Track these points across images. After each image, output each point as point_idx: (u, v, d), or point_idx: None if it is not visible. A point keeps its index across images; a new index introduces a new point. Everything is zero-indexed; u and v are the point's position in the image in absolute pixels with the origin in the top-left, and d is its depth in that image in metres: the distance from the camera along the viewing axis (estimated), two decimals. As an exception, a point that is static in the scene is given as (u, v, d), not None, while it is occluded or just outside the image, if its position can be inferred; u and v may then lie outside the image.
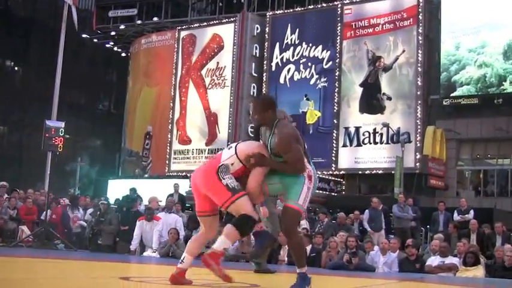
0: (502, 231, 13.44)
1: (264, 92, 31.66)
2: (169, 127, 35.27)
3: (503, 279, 10.50)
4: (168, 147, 35.04)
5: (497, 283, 9.78)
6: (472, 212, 15.39)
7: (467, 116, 27.85)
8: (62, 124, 15.00)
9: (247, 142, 5.63)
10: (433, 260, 11.44)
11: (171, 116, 35.31)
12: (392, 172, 24.57)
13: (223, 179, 5.19)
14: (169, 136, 35.19)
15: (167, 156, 34.93)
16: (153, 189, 19.62)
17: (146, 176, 35.25)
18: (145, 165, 36.81)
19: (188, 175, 31.77)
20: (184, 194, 18.57)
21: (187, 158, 34.34)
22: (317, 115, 31.15)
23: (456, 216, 15.32)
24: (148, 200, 15.85)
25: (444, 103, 28.48)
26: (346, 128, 29.62)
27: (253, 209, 5.22)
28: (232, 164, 5.30)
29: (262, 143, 5.42)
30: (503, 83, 26.96)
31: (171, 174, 33.36)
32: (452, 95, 28.29)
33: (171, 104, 35.46)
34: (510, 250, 11.32)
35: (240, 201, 5.15)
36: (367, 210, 15.53)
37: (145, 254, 13.78)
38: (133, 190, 17.20)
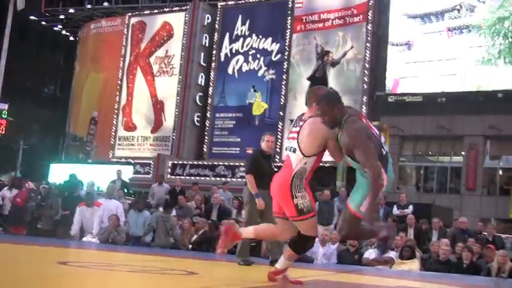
0: (439, 226, 13.79)
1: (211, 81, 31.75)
2: (115, 113, 34.94)
3: (437, 272, 10.79)
4: (113, 133, 34.72)
5: (431, 276, 10.04)
6: (411, 207, 15.69)
7: (411, 113, 28.39)
8: (6, 106, 14.76)
9: (305, 131, 5.35)
10: (371, 253, 11.67)
11: (117, 102, 34.99)
12: (335, 166, 24.85)
13: (296, 197, 5.26)
14: (114, 122, 34.87)
15: (112, 142, 34.61)
16: (96, 175, 19.45)
17: (90, 161, 34.87)
18: (89, 150, 36.43)
19: (132, 162, 31.78)
20: (127, 181, 18.46)
21: (132, 144, 34.10)
22: (264, 107, 31.30)
23: (395, 211, 15.60)
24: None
25: (389, 100, 28.98)
26: (291, 121, 29.72)
27: (315, 229, 5.43)
28: (305, 164, 5.31)
29: (320, 126, 5.27)
30: (447, 82, 27.59)
31: (115, 160, 33.11)
32: (397, 92, 28.81)
33: (118, 90, 35.12)
34: (445, 244, 11.64)
35: (305, 222, 5.32)
36: (316, 203, 15.39)
37: (84, 239, 13.68)
38: (73, 176, 17.01)
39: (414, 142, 29.61)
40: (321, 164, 5.51)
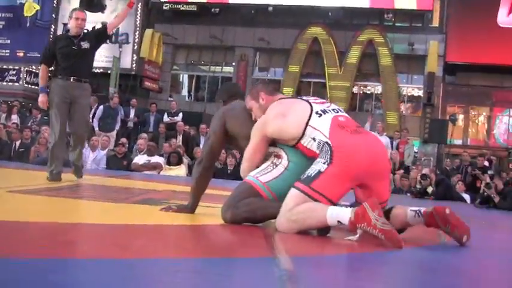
0: (205, 132, 14.41)
1: None
2: None
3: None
4: None
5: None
6: (180, 114, 16.13)
7: (185, 22, 28.68)
8: None
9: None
10: (140, 159, 11.93)
11: None
12: (109, 72, 24.62)
13: None
14: None
15: None
16: None
17: None
18: None
19: None
20: None
21: None
22: (35, 8, 29.75)
23: (166, 118, 15.97)
24: None
25: (164, 7, 28.95)
26: (65, 24, 28.72)
27: None
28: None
29: None
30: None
31: None
32: (172, 0, 28.84)
33: None
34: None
35: None
36: (101, 107, 14.82)
37: None
38: None
39: (187, 51, 30.07)
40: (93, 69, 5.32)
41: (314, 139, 3.71)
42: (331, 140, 3.62)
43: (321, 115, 3.78)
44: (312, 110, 3.81)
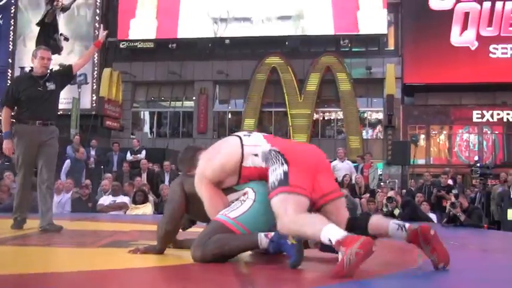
0: (170, 169, 14.35)
1: None
2: None
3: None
4: None
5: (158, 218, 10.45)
6: (144, 151, 15.99)
7: (143, 59, 28.71)
8: None
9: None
10: (105, 199, 11.78)
11: None
12: (69, 113, 24.44)
13: None
14: None
15: None
16: None
17: None
18: None
19: None
20: None
21: None
22: (-10, 52, 29.56)
23: (129, 156, 15.80)
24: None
25: (121, 46, 28.96)
26: (22, 68, 28.60)
27: None
28: None
29: None
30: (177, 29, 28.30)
31: None
32: (129, 38, 28.86)
33: None
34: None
35: None
36: (68, 161, 14.32)
37: None
38: None
39: (147, 88, 30.05)
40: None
41: (256, 155, 3.84)
42: (275, 146, 3.82)
43: (249, 135, 4.01)
44: (239, 135, 4.00)
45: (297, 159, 3.73)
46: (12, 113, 6.60)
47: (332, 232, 3.34)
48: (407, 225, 3.64)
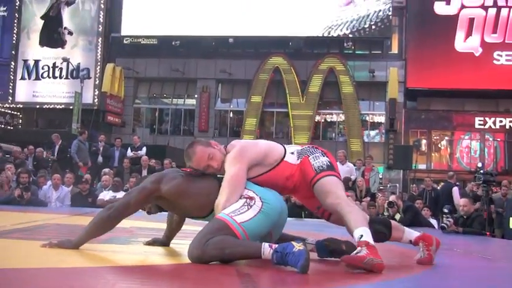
0: (170, 166, 14.29)
1: None
2: None
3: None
4: None
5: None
6: (144, 148, 15.97)
7: (146, 55, 28.65)
8: None
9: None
10: (105, 195, 11.75)
11: None
12: (71, 107, 24.42)
13: None
14: None
15: None
16: None
17: None
18: None
19: None
20: None
21: None
22: (-7, 45, 29.58)
23: (129, 153, 15.77)
24: None
25: (125, 41, 28.90)
26: (25, 61, 28.63)
27: None
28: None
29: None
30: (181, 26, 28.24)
31: None
32: (132, 34, 28.80)
33: None
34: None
35: None
36: (75, 141, 15.51)
37: None
38: None
39: (149, 84, 29.99)
40: (54, 105, 5.21)
41: (292, 153, 4.08)
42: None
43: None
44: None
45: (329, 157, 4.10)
46: None
47: (365, 233, 3.56)
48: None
